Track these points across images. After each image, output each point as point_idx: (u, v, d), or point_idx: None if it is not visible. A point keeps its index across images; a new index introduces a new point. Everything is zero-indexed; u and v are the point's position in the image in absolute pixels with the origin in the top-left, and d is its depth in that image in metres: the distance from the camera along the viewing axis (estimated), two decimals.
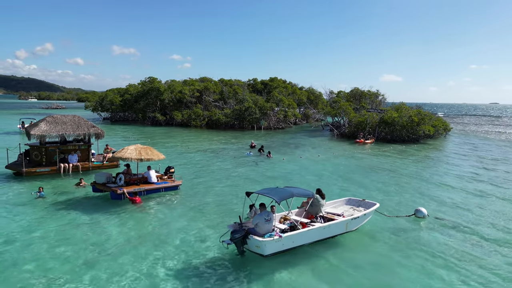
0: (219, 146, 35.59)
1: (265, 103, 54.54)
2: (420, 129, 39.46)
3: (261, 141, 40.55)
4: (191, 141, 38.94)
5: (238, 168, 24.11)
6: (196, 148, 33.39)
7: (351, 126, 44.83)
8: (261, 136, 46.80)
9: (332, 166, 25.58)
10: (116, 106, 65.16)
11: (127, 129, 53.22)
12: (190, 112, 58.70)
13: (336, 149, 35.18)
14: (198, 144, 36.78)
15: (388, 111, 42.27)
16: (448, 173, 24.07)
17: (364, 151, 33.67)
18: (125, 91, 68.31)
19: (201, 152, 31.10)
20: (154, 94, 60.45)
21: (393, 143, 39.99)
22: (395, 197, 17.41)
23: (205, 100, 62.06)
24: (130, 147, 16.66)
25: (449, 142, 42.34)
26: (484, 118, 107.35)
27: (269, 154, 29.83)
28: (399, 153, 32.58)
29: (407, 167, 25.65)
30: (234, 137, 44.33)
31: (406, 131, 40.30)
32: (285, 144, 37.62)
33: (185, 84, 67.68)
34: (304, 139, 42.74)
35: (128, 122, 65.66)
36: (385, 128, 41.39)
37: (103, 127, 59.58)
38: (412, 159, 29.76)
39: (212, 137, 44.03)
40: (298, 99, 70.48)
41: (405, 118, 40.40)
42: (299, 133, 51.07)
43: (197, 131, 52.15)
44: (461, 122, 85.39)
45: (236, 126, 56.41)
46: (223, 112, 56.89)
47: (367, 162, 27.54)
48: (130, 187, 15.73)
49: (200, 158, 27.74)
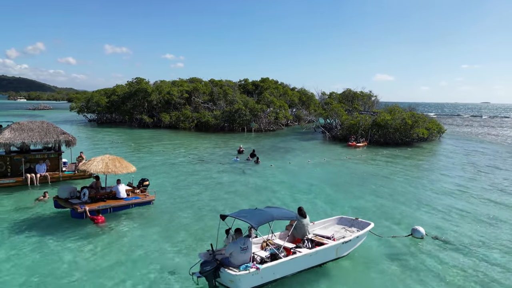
0: (206, 150, 33.98)
1: (255, 105, 53.02)
2: (414, 132, 38.28)
3: (250, 144, 39.04)
4: (178, 145, 37.26)
5: (223, 177, 22.55)
6: (181, 153, 31.74)
7: (343, 129, 43.54)
8: (251, 139, 45.28)
9: (322, 174, 24.16)
10: (102, 107, 63.11)
11: (113, 131, 51.30)
12: (178, 114, 56.97)
13: (327, 153, 33.80)
14: (184, 148, 35.12)
15: (381, 113, 41.04)
16: (444, 182, 22.79)
17: (356, 156, 32.34)
18: (112, 92, 66.27)
19: (186, 158, 29.46)
20: (141, 95, 58.55)
21: (386, 146, 38.78)
22: (389, 211, 16.01)
23: (194, 101, 60.35)
24: (96, 158, 15.01)
25: (443, 145, 41.24)
26: (477, 118, 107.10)
27: (257, 160, 28.37)
28: (393, 159, 31.30)
29: (401, 175, 24.33)
30: (223, 140, 42.74)
31: (399, 134, 39.12)
32: (275, 148, 36.14)
33: (174, 84, 65.89)
34: (295, 143, 41.32)
35: (116, 124, 63.68)
36: (378, 130, 40.16)
37: (89, 129, 58.18)
38: (406, 165, 28.48)
39: (200, 140, 42.39)
40: (289, 100, 69.15)
41: (398, 120, 39.22)
42: (290, 135, 49.66)
43: (185, 133, 50.46)
44: (454, 123, 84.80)
45: (226, 128, 54.84)
46: (213, 114, 55.27)
47: (359, 169, 26.17)
48: (95, 204, 14.06)
49: (183, 165, 26.12)
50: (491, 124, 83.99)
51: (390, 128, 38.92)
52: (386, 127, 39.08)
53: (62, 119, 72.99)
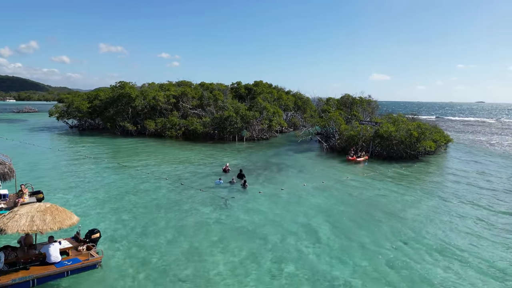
0: (188, 168, 30.18)
1: (247, 112, 49.24)
2: (420, 145, 34.71)
3: (240, 158, 35.31)
4: (158, 161, 33.42)
5: (197, 212, 18.76)
6: (158, 172, 27.91)
7: (342, 140, 39.90)
8: (241, 150, 41.54)
9: (320, 205, 20.49)
10: (83, 113, 58.99)
11: (92, 141, 47.29)
12: (164, 121, 53.05)
13: (325, 171, 30.15)
14: (165, 164, 31.26)
15: (384, 124, 37.41)
16: (464, 218, 19.24)
17: (357, 175, 28.71)
18: (95, 96, 62.14)
19: (162, 180, 25.64)
20: (125, 100, 54.50)
21: (389, 160, 35.23)
22: (402, 272, 12.39)
23: (182, 107, 56.45)
24: (21, 210, 11.17)
25: (452, 160, 37.65)
26: (478, 121, 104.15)
27: (245, 183, 24.66)
28: (398, 179, 27.72)
29: (411, 206, 20.78)
30: (211, 152, 38.95)
31: (403, 147, 35.56)
32: (266, 165, 32.42)
33: (162, 88, 61.92)
34: (289, 156, 37.63)
35: (98, 131, 59.55)
36: (380, 142, 36.55)
37: (66, 138, 53.40)
38: (416, 190, 24.92)
39: (185, 153, 38.56)
40: (284, 105, 65.53)
41: (402, 132, 35.65)
42: (285, 145, 45.97)
43: (171, 143, 46.59)
44: (455, 127, 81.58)
45: (216, 136, 51.07)
46: (202, 121, 51.42)
47: (363, 198, 22.55)
48: (12, 275, 10.27)
49: (156, 193, 22.32)
50: (495, 131, 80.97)
51: (394, 140, 35.34)
52: (389, 139, 35.51)
53: (42, 124, 68.79)
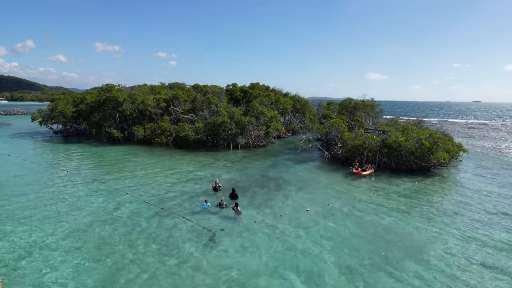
0: (174, 185, 26.69)
1: (242, 117, 45.76)
2: (433, 157, 31.33)
3: (234, 171, 31.84)
4: (142, 174, 29.92)
5: (176, 253, 15.35)
6: (140, 191, 24.40)
7: (345, 148, 36.49)
8: (236, 160, 38.05)
9: (326, 241, 17.09)
10: (68, 118, 55.29)
11: (74, 149, 43.68)
12: (154, 127, 49.51)
13: (328, 188, 26.72)
14: (148, 180, 27.71)
15: (392, 132, 34.00)
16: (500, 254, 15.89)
17: (365, 194, 25.31)
18: (81, 99, 58.45)
19: (140, 203, 22.14)
20: (111, 104, 50.89)
21: (398, 173, 31.86)
22: None
23: (173, 111, 52.91)
24: None
25: (466, 171, 34.26)
26: (483, 124, 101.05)
27: (237, 206, 21.25)
28: (415, 200, 24.34)
29: (437, 239, 17.43)
30: (201, 163, 35.46)
31: (413, 157, 32.19)
32: (263, 181, 28.96)
33: (152, 91, 58.36)
34: (288, 168, 34.18)
35: (85, 136, 55.89)
36: (388, 153, 33.14)
37: (48, 146, 48.29)
38: (436, 215, 21.58)
39: (174, 164, 35.03)
40: (282, 108, 62.14)
41: (412, 141, 32.28)
42: (283, 154, 42.50)
43: (160, 151, 43.04)
44: (461, 131, 78.39)
45: (209, 143, 47.59)
46: (194, 127, 47.90)
47: (375, 225, 19.18)
48: None
49: (133, 221, 18.86)
50: (505, 136, 77.85)
51: (403, 151, 31.96)
52: (398, 149, 32.12)
53: (26, 129, 65.03)
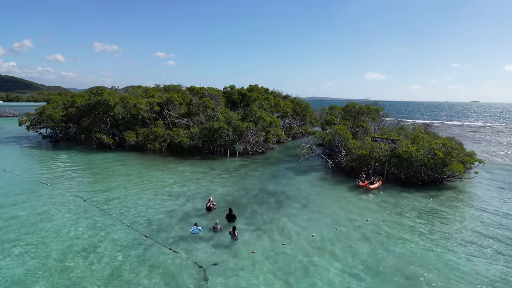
0: (163, 202, 24.08)
1: (240, 123, 43.18)
2: (448, 169, 28.80)
3: (230, 184, 29.26)
4: (130, 187, 27.30)
5: None
6: (123, 211, 21.79)
7: (351, 158, 33.94)
8: (233, 169, 35.48)
9: (337, 278, 14.54)
10: (56, 122, 52.56)
11: (61, 157, 41.00)
12: (147, 132, 46.85)
13: (335, 207, 24.17)
14: (135, 195, 25.04)
15: (402, 142, 31.45)
16: None
17: (377, 214, 22.79)
18: (71, 103, 55.72)
19: (124, 226, 19.54)
20: (102, 109, 48.21)
21: (409, 186, 29.36)
22: None
23: (167, 115, 50.28)
24: None
25: (480, 183, 31.74)
26: (487, 127, 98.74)
27: (234, 230, 18.73)
28: (432, 220, 21.83)
29: (468, 276, 14.90)
30: (196, 175, 32.87)
31: (425, 169, 29.68)
32: (262, 196, 26.38)
33: (146, 94, 55.70)
34: (290, 180, 31.62)
35: (75, 142, 53.12)
36: (397, 163, 30.59)
37: (34, 153, 44.20)
38: (460, 239, 19.08)
39: (166, 175, 32.41)
40: (282, 111, 59.61)
41: (424, 151, 29.76)
42: (283, 163, 39.93)
43: (153, 159, 40.42)
44: (466, 135, 75.96)
45: (205, 150, 44.99)
46: (189, 132, 45.28)
47: (392, 256, 16.64)
48: None
49: (110, 255, 16.26)
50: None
51: (414, 161, 29.43)
52: (409, 160, 29.59)
53: (15, 133, 62.19)
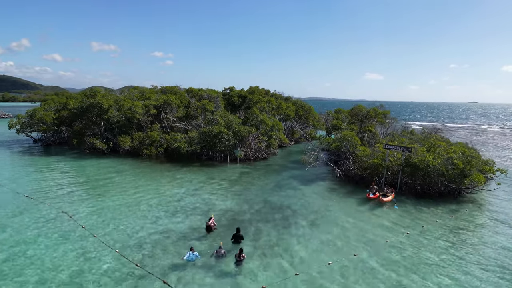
0: (158, 220, 21.66)
1: (241, 128, 40.80)
2: (468, 180, 26.49)
3: (232, 194, 26.87)
4: (121, 199, 24.86)
5: None
6: (110, 232, 19.36)
7: (360, 166, 31.60)
8: (234, 178, 33.08)
9: None
10: (48, 126, 50.05)
11: (51, 163, 38.50)
12: (143, 136, 44.40)
13: (349, 224, 21.80)
14: (127, 211, 22.59)
15: (417, 150, 29.09)
16: None
17: (395, 233, 20.43)
18: (64, 105, 53.21)
19: (109, 253, 17.11)
20: (95, 112, 45.75)
21: (425, 198, 27.03)
22: None
23: (164, 119, 47.85)
24: None
25: (503, 195, 29.40)
26: (494, 131, 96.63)
27: (240, 254, 16.43)
28: (455, 244, 19.50)
29: None
30: (194, 184, 30.48)
31: (442, 179, 27.35)
32: (267, 212, 23.99)
33: (142, 96, 53.25)
34: (295, 191, 29.24)
35: (68, 146, 50.51)
36: (412, 173, 28.25)
37: (25, 158, 42.06)
38: (492, 270, 16.73)
39: (161, 185, 29.98)
40: (284, 114, 57.24)
41: (440, 160, 27.43)
42: (287, 170, 37.56)
43: (149, 166, 37.98)
44: (474, 139, 73.68)
45: (204, 155, 42.60)
46: (187, 137, 42.88)
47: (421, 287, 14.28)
48: None
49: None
50: None
51: (431, 171, 27.09)
52: (425, 170, 27.25)
53: (5, 137, 59.45)
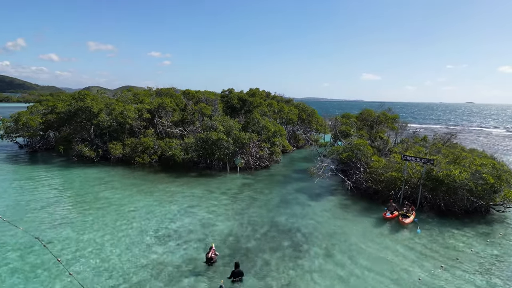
0: (144, 252, 18.44)
1: (242, 134, 37.62)
2: (500, 196, 23.45)
3: (232, 211, 23.68)
4: (106, 224, 21.60)
5: None
6: (91, 268, 16.12)
7: (374, 179, 28.50)
8: (235, 191, 29.90)
9: None
10: (34, 131, 46.67)
11: (35, 173, 35.18)
12: (135, 143, 41.12)
13: (367, 253, 18.68)
14: (109, 241, 19.35)
15: (441, 162, 25.95)
16: None
17: (422, 266, 17.31)
18: (52, 108, 49.83)
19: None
20: (84, 116, 42.44)
21: (449, 217, 23.97)
22: None
23: (159, 124, 44.60)
24: None
25: None
26: (500, 132, 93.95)
27: None
28: (498, 277, 16.41)
29: None
30: (190, 200, 27.29)
31: (469, 194, 24.25)
32: (273, 236, 20.80)
33: (136, 99, 50.00)
34: (303, 207, 26.07)
35: (55, 153, 47.09)
36: (434, 188, 25.12)
37: (7, 167, 36.73)
38: None
39: (153, 202, 26.75)
40: (286, 118, 54.09)
41: (466, 173, 24.30)
42: (291, 181, 34.40)
43: (141, 176, 34.73)
44: (486, 143, 70.80)
45: (202, 163, 39.41)
46: (183, 143, 39.65)
47: None
48: None
49: None
50: None
51: (458, 188, 23.99)
52: (451, 185, 24.14)
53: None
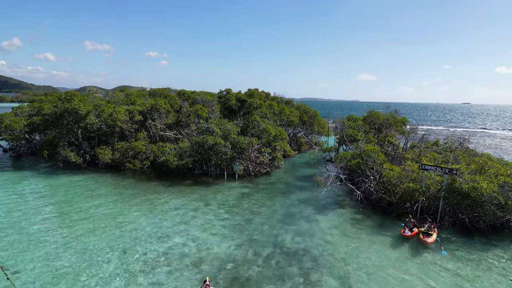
0: (131, 277, 15.55)
1: (241, 138, 34.77)
2: None
3: (231, 227, 20.83)
4: (86, 244, 18.69)
5: None
6: None
7: (385, 187, 25.73)
8: (233, 202, 27.03)
9: None
10: (18, 134, 43.59)
11: (16, 181, 32.18)
12: (125, 147, 38.16)
13: (388, 284, 15.87)
14: (85, 270, 16.45)
15: (464, 171, 23.16)
16: None
17: None
18: (38, 110, 46.75)
19: None
20: (71, 118, 39.42)
21: (473, 233, 21.24)
22: None
23: (151, 127, 41.66)
24: None
25: None
26: (505, 134, 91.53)
27: None
28: None
29: None
30: (183, 213, 24.39)
31: (495, 208, 21.52)
32: (278, 261, 17.95)
33: (128, 100, 47.03)
34: (310, 223, 23.25)
35: (41, 157, 44.08)
36: (457, 201, 22.37)
37: None
38: None
39: (142, 216, 23.84)
40: (287, 120, 51.29)
41: (493, 186, 21.55)
42: (295, 191, 31.59)
43: (131, 184, 31.81)
44: (494, 144, 68.27)
45: (197, 170, 36.55)
46: (177, 147, 36.76)
47: None
48: None
49: None
50: None
51: (487, 202, 21.23)
52: (478, 198, 21.37)
53: None
